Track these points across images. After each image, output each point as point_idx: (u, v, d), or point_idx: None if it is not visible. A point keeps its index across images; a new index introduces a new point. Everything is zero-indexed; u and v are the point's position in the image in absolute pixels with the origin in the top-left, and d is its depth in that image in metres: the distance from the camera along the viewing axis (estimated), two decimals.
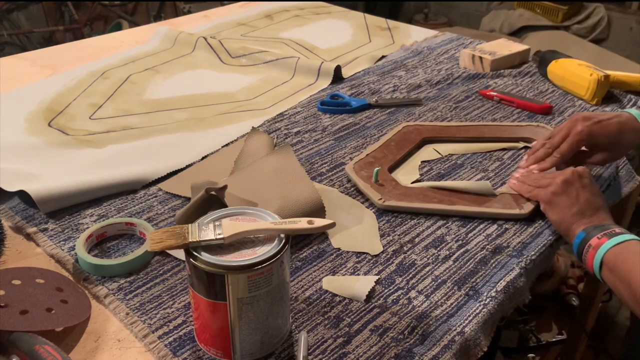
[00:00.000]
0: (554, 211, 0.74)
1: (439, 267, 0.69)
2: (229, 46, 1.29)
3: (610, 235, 0.68)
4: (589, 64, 1.12)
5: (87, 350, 0.57)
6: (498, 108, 1.08)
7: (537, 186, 0.77)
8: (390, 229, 0.75)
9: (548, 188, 0.75)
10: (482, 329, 0.62)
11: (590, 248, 0.68)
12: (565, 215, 0.73)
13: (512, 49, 1.26)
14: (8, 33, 2.90)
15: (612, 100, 1.10)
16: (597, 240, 0.68)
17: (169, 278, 0.66)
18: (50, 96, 1.09)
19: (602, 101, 1.09)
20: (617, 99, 1.11)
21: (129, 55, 1.29)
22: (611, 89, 1.13)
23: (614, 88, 1.13)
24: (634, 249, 0.66)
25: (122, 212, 0.77)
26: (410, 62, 1.28)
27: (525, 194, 0.79)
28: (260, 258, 0.50)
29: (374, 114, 1.05)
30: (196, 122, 1.00)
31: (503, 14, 3.35)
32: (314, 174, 0.86)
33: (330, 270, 0.67)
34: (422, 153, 0.93)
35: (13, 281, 0.59)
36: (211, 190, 0.70)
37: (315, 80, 1.18)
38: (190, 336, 0.58)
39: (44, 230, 0.73)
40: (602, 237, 0.68)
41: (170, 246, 0.51)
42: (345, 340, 0.58)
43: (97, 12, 3.25)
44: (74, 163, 0.87)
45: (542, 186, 0.76)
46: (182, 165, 0.87)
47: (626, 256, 0.65)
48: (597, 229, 0.69)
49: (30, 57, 1.28)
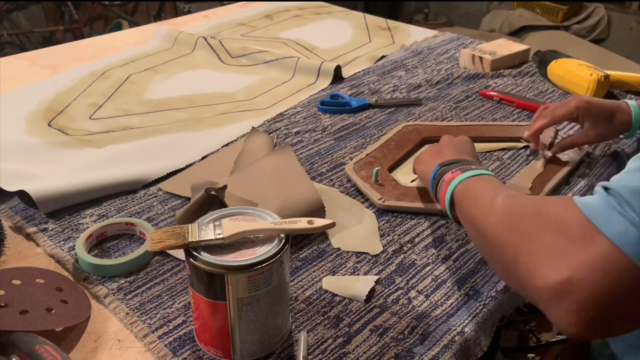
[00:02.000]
0: (419, 166, 0.73)
1: (439, 267, 0.69)
2: (229, 46, 1.29)
3: (464, 170, 0.62)
4: (588, 64, 1.12)
5: (87, 350, 0.57)
6: (498, 108, 1.08)
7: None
8: (390, 228, 0.75)
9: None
10: (482, 329, 0.62)
11: (442, 183, 0.63)
12: (428, 164, 0.70)
13: (512, 49, 1.26)
14: (8, 33, 2.90)
15: None
16: (451, 175, 0.62)
17: (169, 278, 0.66)
18: (50, 96, 1.09)
19: None
20: (617, 99, 1.11)
21: (129, 55, 1.29)
22: (611, 88, 1.13)
23: (613, 88, 1.13)
24: (483, 183, 0.59)
25: (122, 212, 0.77)
26: (410, 62, 1.28)
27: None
28: (260, 258, 0.50)
29: (374, 114, 1.05)
30: (196, 122, 1.00)
31: (503, 14, 3.36)
32: (314, 173, 0.86)
33: (330, 270, 0.67)
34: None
35: (13, 281, 0.59)
36: (211, 190, 0.70)
37: (315, 80, 1.18)
38: (190, 336, 0.58)
39: (44, 230, 0.73)
40: (455, 171, 0.62)
41: (170, 246, 0.51)
42: (345, 340, 0.58)
43: (97, 12, 3.25)
44: (74, 163, 0.87)
45: None
46: (182, 165, 0.87)
47: (474, 191, 0.58)
48: (453, 164, 0.64)
49: (30, 57, 1.29)
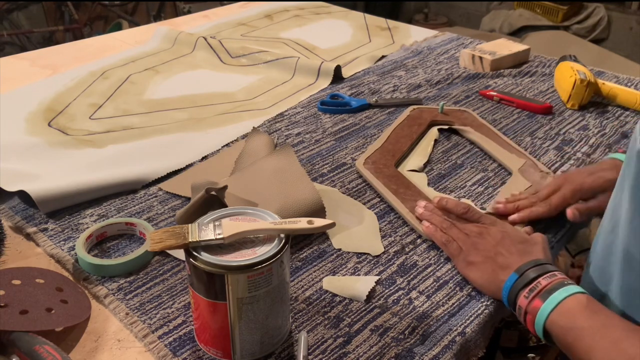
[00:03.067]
0: (472, 274, 0.65)
1: (441, 268, 0.68)
2: (229, 46, 1.29)
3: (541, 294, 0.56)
4: (587, 69, 1.09)
5: (87, 350, 0.56)
6: (498, 108, 1.08)
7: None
8: (391, 229, 0.75)
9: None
10: (482, 330, 0.62)
11: (521, 312, 0.58)
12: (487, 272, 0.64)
13: (512, 49, 1.26)
14: (8, 33, 2.90)
15: (595, 109, 1.06)
16: (526, 302, 0.57)
17: (169, 278, 0.66)
18: (50, 96, 1.09)
19: (583, 108, 1.06)
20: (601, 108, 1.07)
21: (129, 55, 1.29)
22: (606, 100, 1.09)
23: (609, 100, 1.09)
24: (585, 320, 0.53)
25: (122, 212, 0.77)
26: (410, 62, 1.28)
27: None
28: (260, 258, 0.50)
29: (374, 114, 1.05)
30: (196, 122, 1.00)
31: (503, 14, 3.36)
32: (315, 174, 0.86)
33: (331, 271, 0.67)
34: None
35: (13, 281, 0.59)
36: (211, 190, 0.69)
37: (315, 80, 1.18)
38: (190, 336, 0.58)
39: (44, 230, 0.73)
40: (532, 299, 0.57)
41: (170, 246, 0.51)
42: (345, 340, 0.58)
43: (97, 12, 3.25)
44: (74, 163, 0.87)
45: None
46: (182, 165, 0.87)
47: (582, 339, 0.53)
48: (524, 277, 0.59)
49: (30, 57, 1.28)
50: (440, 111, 1.00)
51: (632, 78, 1.19)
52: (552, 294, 0.56)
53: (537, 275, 0.58)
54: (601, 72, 1.22)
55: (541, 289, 0.57)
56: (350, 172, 0.87)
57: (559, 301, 0.55)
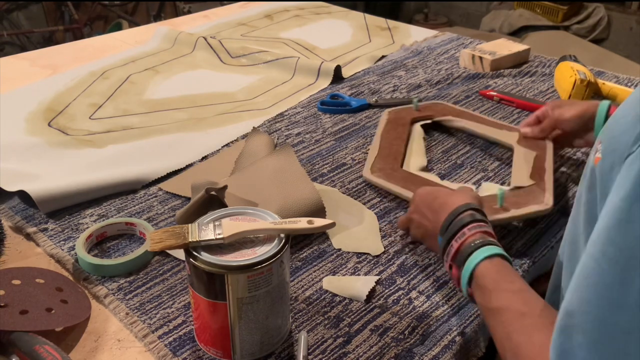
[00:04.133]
0: (416, 232, 0.70)
1: (441, 268, 0.68)
2: (229, 46, 1.29)
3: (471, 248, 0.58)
4: (587, 69, 1.09)
5: (87, 350, 0.56)
6: (498, 108, 1.08)
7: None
8: (392, 229, 0.75)
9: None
10: (482, 330, 0.62)
11: (448, 259, 0.61)
12: (427, 230, 0.67)
13: (512, 49, 1.26)
14: (8, 33, 2.90)
15: None
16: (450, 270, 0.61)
17: (169, 278, 0.66)
18: (50, 96, 1.09)
19: None
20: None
21: (129, 55, 1.29)
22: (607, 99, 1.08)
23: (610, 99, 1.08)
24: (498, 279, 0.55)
25: (122, 212, 0.77)
26: (410, 62, 1.28)
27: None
28: (260, 258, 0.50)
29: (374, 114, 1.05)
30: (196, 122, 1.00)
31: (503, 14, 3.35)
32: (315, 174, 0.86)
33: (331, 271, 0.67)
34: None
35: (13, 281, 0.59)
36: (211, 190, 0.69)
37: (315, 80, 1.18)
38: (190, 336, 0.58)
39: (44, 230, 0.73)
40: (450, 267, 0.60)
41: (170, 246, 0.51)
42: (345, 340, 0.58)
43: (97, 12, 3.25)
44: (74, 163, 0.87)
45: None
46: (182, 165, 0.87)
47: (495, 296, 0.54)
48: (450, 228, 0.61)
49: (30, 57, 1.28)
50: (415, 108, 0.99)
51: (632, 78, 1.19)
52: (465, 265, 0.57)
53: (450, 237, 0.60)
54: (601, 72, 1.22)
55: (455, 254, 0.59)
56: (350, 172, 0.87)
57: (470, 272, 0.56)
